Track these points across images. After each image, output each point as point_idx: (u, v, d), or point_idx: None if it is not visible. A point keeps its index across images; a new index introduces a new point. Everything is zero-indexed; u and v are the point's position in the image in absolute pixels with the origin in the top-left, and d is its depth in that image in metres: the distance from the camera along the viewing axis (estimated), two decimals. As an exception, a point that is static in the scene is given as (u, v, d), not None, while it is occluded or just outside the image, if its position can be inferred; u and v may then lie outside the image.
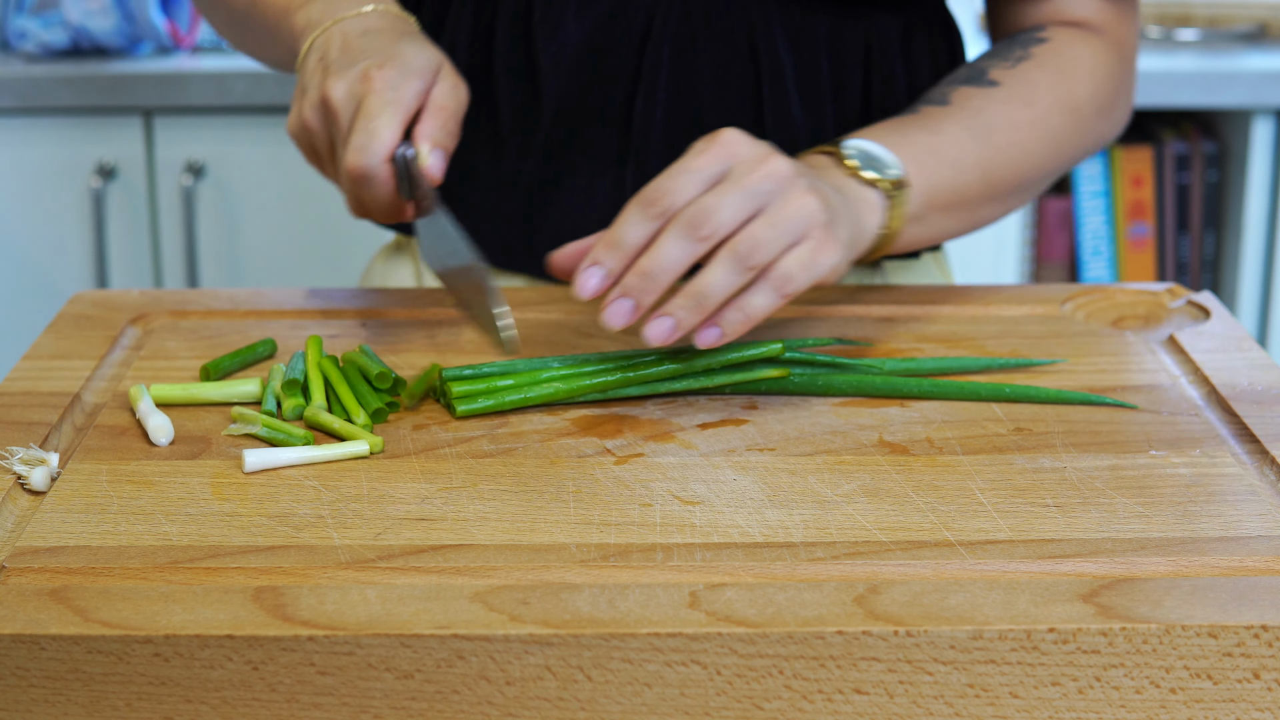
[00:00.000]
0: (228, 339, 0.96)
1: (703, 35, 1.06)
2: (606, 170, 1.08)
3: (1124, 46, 1.09)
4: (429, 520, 0.74)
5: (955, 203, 0.99)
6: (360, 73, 0.91)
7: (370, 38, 0.95)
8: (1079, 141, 1.05)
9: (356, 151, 0.89)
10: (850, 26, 1.08)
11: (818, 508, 0.75)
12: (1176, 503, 0.75)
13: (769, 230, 0.82)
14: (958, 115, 1.00)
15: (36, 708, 0.65)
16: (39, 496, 0.76)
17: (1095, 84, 1.05)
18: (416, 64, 0.93)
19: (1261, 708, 0.65)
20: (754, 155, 0.84)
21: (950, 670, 0.65)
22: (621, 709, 0.65)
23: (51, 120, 2.08)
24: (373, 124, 0.90)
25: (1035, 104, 1.02)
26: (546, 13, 1.07)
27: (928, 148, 0.97)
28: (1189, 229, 2.20)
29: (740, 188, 0.82)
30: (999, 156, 1.00)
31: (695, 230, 0.81)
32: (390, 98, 0.90)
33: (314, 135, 0.95)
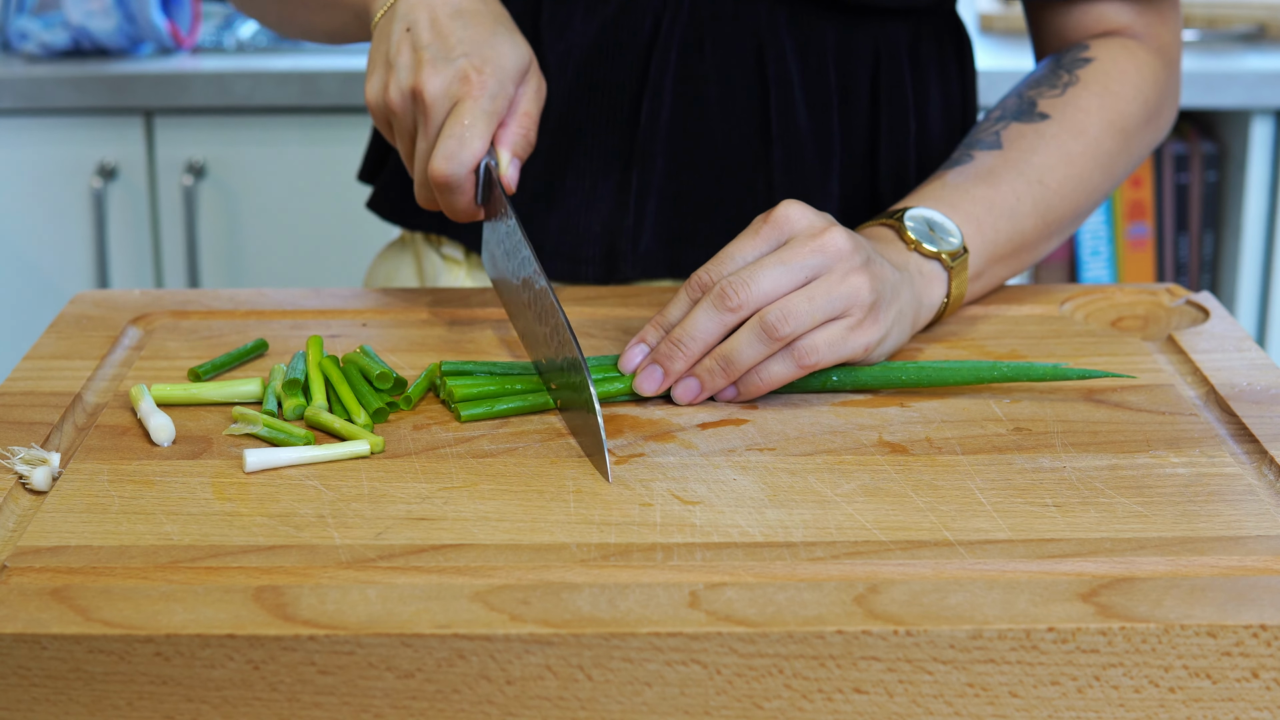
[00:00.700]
0: (228, 339, 0.96)
1: (710, 39, 1.06)
2: (610, 172, 1.08)
3: (1168, 50, 1.09)
4: (429, 520, 0.74)
5: (1015, 251, 0.99)
6: (459, 73, 0.90)
7: (463, 22, 0.93)
8: (1128, 160, 1.06)
9: (446, 159, 0.89)
10: (858, 34, 1.08)
11: (818, 508, 0.75)
12: (1175, 503, 0.75)
13: (805, 304, 0.84)
14: (1013, 160, 1.00)
15: (38, 707, 0.65)
16: (40, 496, 0.76)
17: (1143, 97, 1.05)
18: (511, 68, 0.92)
19: (1260, 707, 0.65)
20: (810, 229, 0.86)
21: (950, 670, 0.65)
22: (621, 708, 0.65)
23: (53, 121, 2.08)
24: (466, 133, 0.89)
25: (1086, 132, 1.02)
26: (554, 13, 1.07)
27: (986, 204, 0.97)
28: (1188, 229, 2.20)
29: (783, 260, 0.85)
30: (1055, 196, 1.00)
31: (724, 300, 0.84)
32: (487, 108, 0.90)
33: (396, 118, 0.94)
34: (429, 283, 1.16)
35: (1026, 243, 1.00)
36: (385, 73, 0.93)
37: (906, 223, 0.94)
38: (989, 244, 0.97)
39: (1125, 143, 1.04)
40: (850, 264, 0.85)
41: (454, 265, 1.14)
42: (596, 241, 1.08)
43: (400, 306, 1.02)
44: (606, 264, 1.08)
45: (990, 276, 0.99)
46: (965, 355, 0.94)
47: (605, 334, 0.97)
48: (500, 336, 0.97)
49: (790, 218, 0.86)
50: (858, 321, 0.86)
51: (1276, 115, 2.09)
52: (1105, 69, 1.05)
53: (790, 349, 0.85)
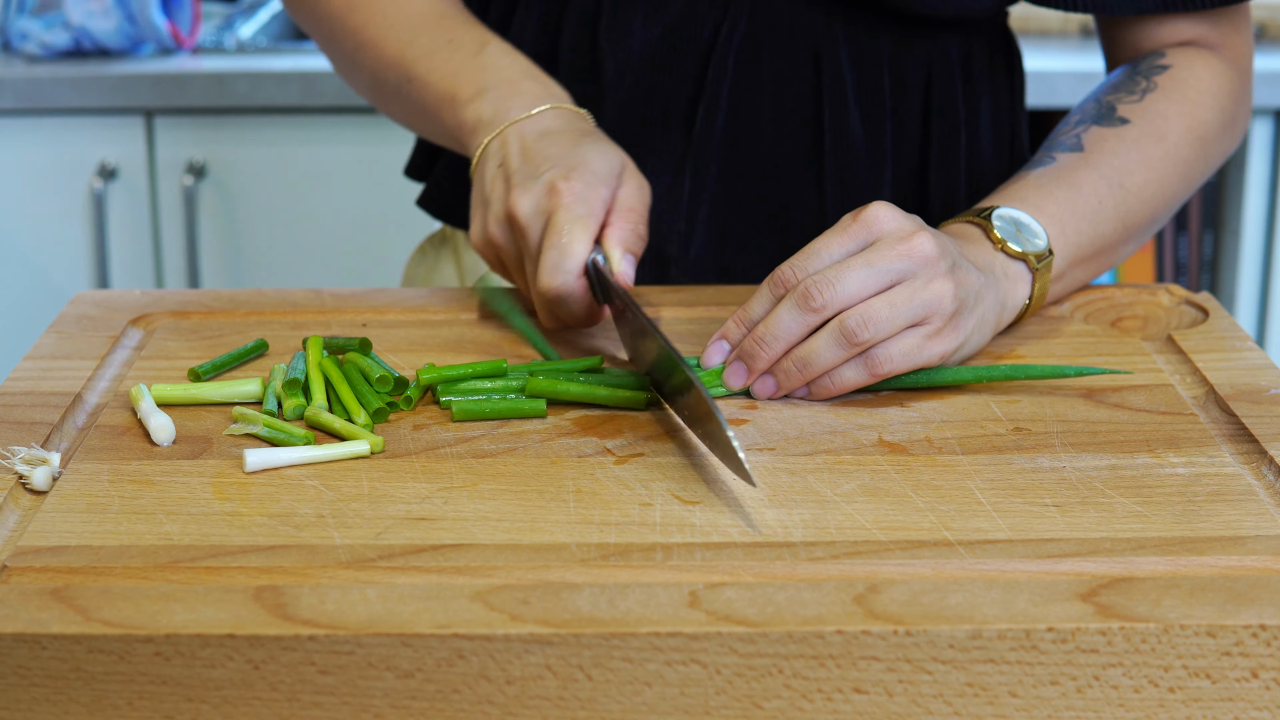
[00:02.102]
0: (229, 339, 0.96)
1: (767, 48, 1.07)
2: (663, 176, 1.08)
3: (1241, 60, 1.09)
4: (429, 520, 0.74)
5: (1095, 254, 0.99)
6: (546, 186, 0.91)
7: (550, 141, 0.94)
8: (1205, 167, 1.06)
9: (550, 272, 0.89)
10: (913, 46, 1.09)
11: (818, 507, 0.75)
12: (1175, 503, 0.75)
13: (886, 309, 0.84)
14: (1094, 162, 1.00)
15: (38, 707, 0.65)
16: (41, 496, 0.76)
17: (1220, 106, 1.05)
18: (601, 171, 0.92)
19: (1260, 707, 0.65)
20: (897, 231, 0.85)
21: (949, 669, 0.65)
22: (621, 708, 0.65)
23: (53, 121, 2.08)
24: (564, 240, 0.89)
25: (1166, 138, 1.02)
26: (614, 19, 1.07)
27: (1069, 206, 0.97)
28: (1187, 229, 2.21)
29: (869, 263, 0.84)
30: (1135, 200, 1.00)
31: (807, 301, 0.84)
32: (580, 212, 0.90)
33: (501, 250, 0.94)
34: (470, 277, 1.16)
35: (1107, 245, 1.00)
36: (483, 211, 0.94)
37: (994, 221, 0.93)
38: (1071, 246, 0.97)
39: (1203, 150, 1.04)
40: (936, 270, 0.85)
41: None
42: (649, 247, 1.08)
43: (400, 306, 1.02)
44: (656, 269, 1.09)
45: (1070, 279, 0.99)
46: (965, 355, 0.94)
47: (605, 334, 0.97)
48: (501, 335, 0.97)
49: (879, 218, 0.86)
50: (936, 330, 0.85)
51: (1276, 115, 2.09)
52: (1183, 77, 1.05)
53: (865, 356, 0.85)
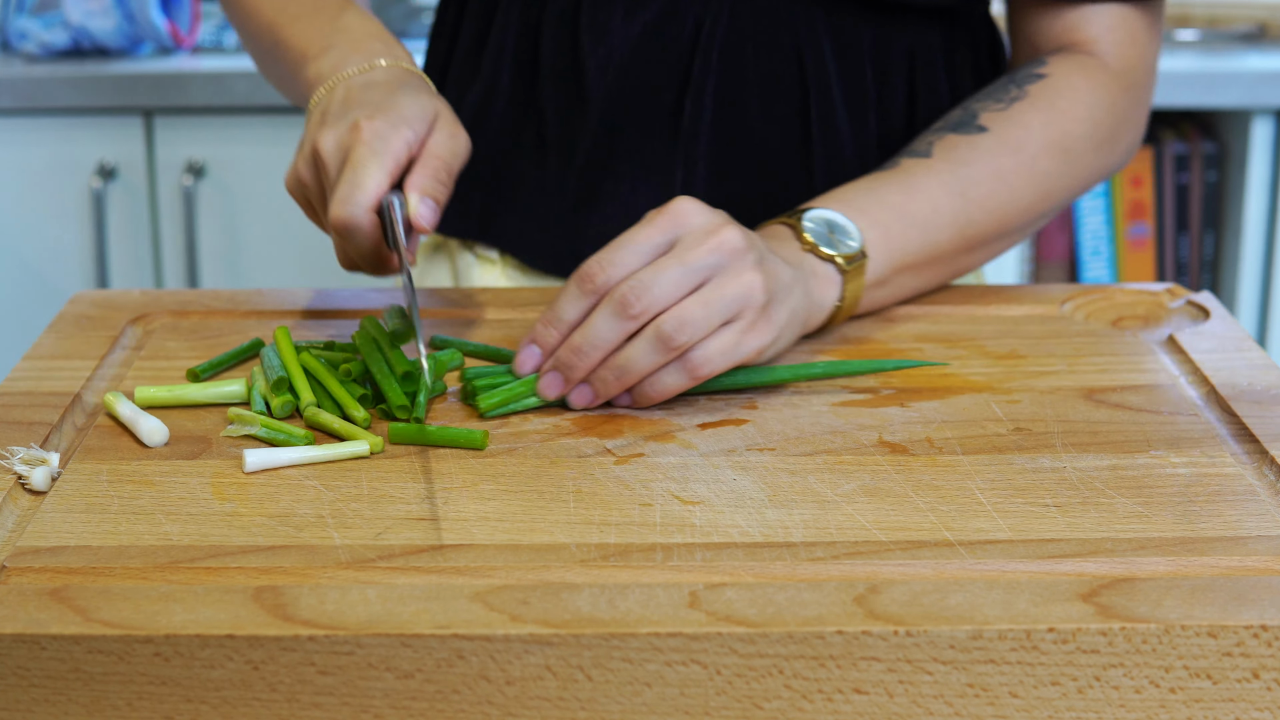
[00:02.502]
0: (228, 339, 0.96)
1: (750, 43, 1.06)
2: (651, 176, 1.08)
3: (1132, 73, 1.06)
4: (429, 520, 0.74)
5: (926, 262, 0.98)
6: (350, 123, 0.90)
7: (369, 90, 0.94)
8: (1070, 182, 1.04)
9: (340, 202, 0.88)
10: (895, 36, 1.08)
11: (818, 508, 0.75)
12: (1176, 503, 0.75)
13: (700, 309, 0.83)
14: (938, 168, 0.99)
15: (37, 707, 0.65)
16: (40, 496, 0.76)
17: (1094, 119, 1.03)
18: (409, 113, 0.91)
19: (1261, 707, 0.65)
20: (704, 226, 0.84)
21: (950, 670, 0.65)
22: (621, 709, 0.65)
23: (52, 120, 2.08)
24: (358, 174, 0.88)
25: (1023, 149, 1.01)
26: (594, 18, 1.07)
27: (898, 210, 0.96)
28: (1188, 229, 2.20)
29: (681, 262, 0.83)
30: (978, 210, 0.99)
31: (626, 309, 0.83)
32: (377, 147, 0.89)
33: (306, 188, 0.94)
34: (464, 283, 1.16)
35: (941, 254, 0.99)
36: (297, 153, 0.94)
37: (805, 223, 0.93)
38: (897, 251, 0.96)
39: (1067, 163, 1.03)
40: (744, 262, 0.84)
41: (488, 264, 1.14)
42: None
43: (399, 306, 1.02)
44: None
45: (897, 285, 0.98)
46: (965, 355, 0.94)
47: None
48: (501, 335, 0.97)
49: (686, 212, 0.85)
50: (750, 324, 0.84)
51: (1277, 115, 2.09)
52: (1056, 86, 1.03)
53: (684, 360, 0.84)
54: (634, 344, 0.83)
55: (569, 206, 1.09)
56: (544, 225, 1.10)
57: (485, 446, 0.81)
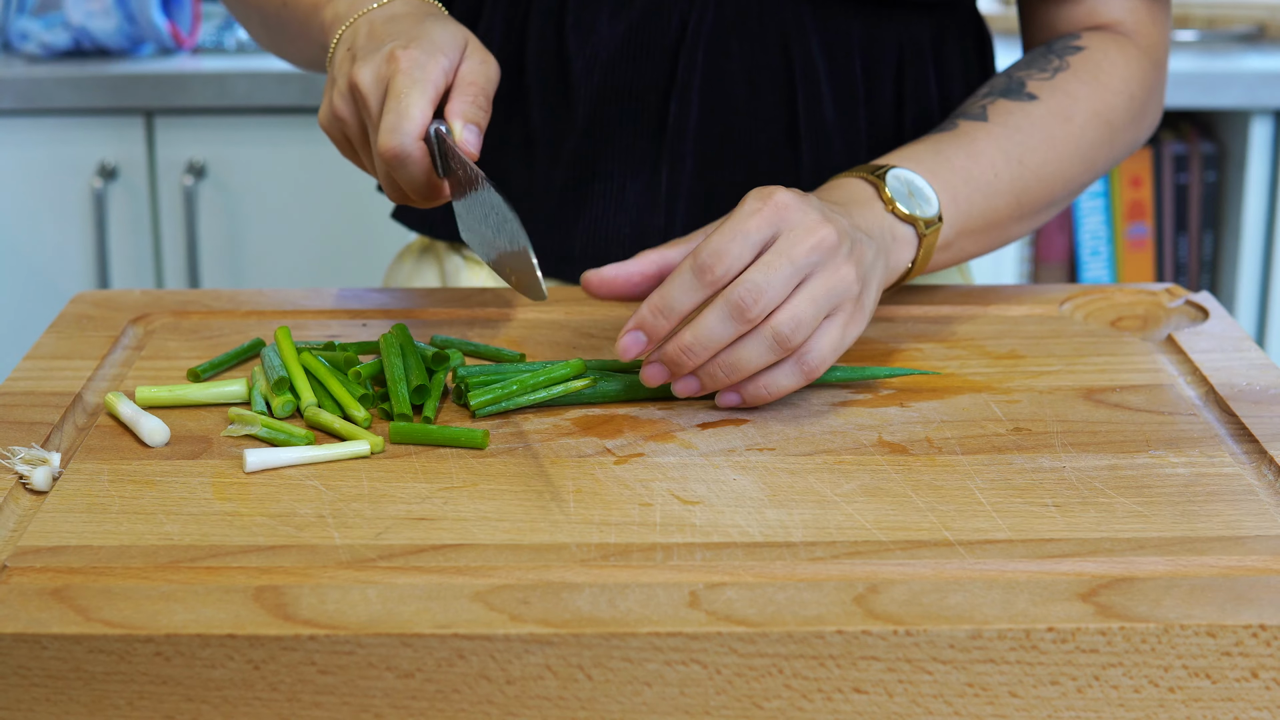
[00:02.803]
0: (229, 339, 0.96)
1: (736, 38, 1.06)
2: (639, 174, 1.08)
3: (1156, 50, 1.08)
4: (429, 520, 0.74)
5: (985, 227, 0.99)
6: (386, 55, 0.91)
7: (395, 23, 0.95)
8: (1111, 153, 1.05)
9: (388, 133, 0.89)
10: (883, 30, 1.08)
11: (818, 508, 0.75)
12: (1175, 503, 0.75)
13: (810, 307, 0.83)
14: (996, 134, 0.99)
15: (38, 707, 0.65)
16: (41, 496, 0.76)
17: (1130, 92, 1.05)
18: (441, 41, 0.92)
19: (1260, 707, 0.65)
20: (805, 223, 0.84)
21: (949, 670, 0.65)
22: (621, 708, 0.65)
23: (53, 121, 2.08)
24: (402, 103, 0.89)
25: (1072, 119, 1.02)
26: (579, 16, 1.07)
27: (963, 174, 0.96)
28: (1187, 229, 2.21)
29: (791, 260, 0.83)
30: (1033, 177, 1.00)
31: (744, 312, 0.82)
32: (418, 76, 0.90)
33: (345, 124, 0.94)
34: (452, 284, 1.16)
35: (999, 220, 0.99)
36: (329, 90, 0.95)
37: (889, 181, 0.93)
38: (962, 215, 0.96)
39: (1109, 135, 1.04)
40: (839, 257, 0.84)
41: (476, 266, 1.14)
42: (626, 244, 1.08)
43: (400, 306, 1.02)
44: None
45: (958, 249, 0.98)
46: (965, 355, 0.94)
47: (607, 333, 0.97)
48: (501, 335, 0.97)
49: (788, 205, 0.84)
50: (849, 315, 0.85)
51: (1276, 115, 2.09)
52: (1096, 59, 1.04)
53: (799, 360, 0.84)
54: (747, 343, 0.83)
55: (556, 205, 1.09)
56: (532, 225, 1.10)
57: (485, 446, 0.81)
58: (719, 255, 0.82)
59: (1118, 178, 2.19)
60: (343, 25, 0.98)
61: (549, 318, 1.00)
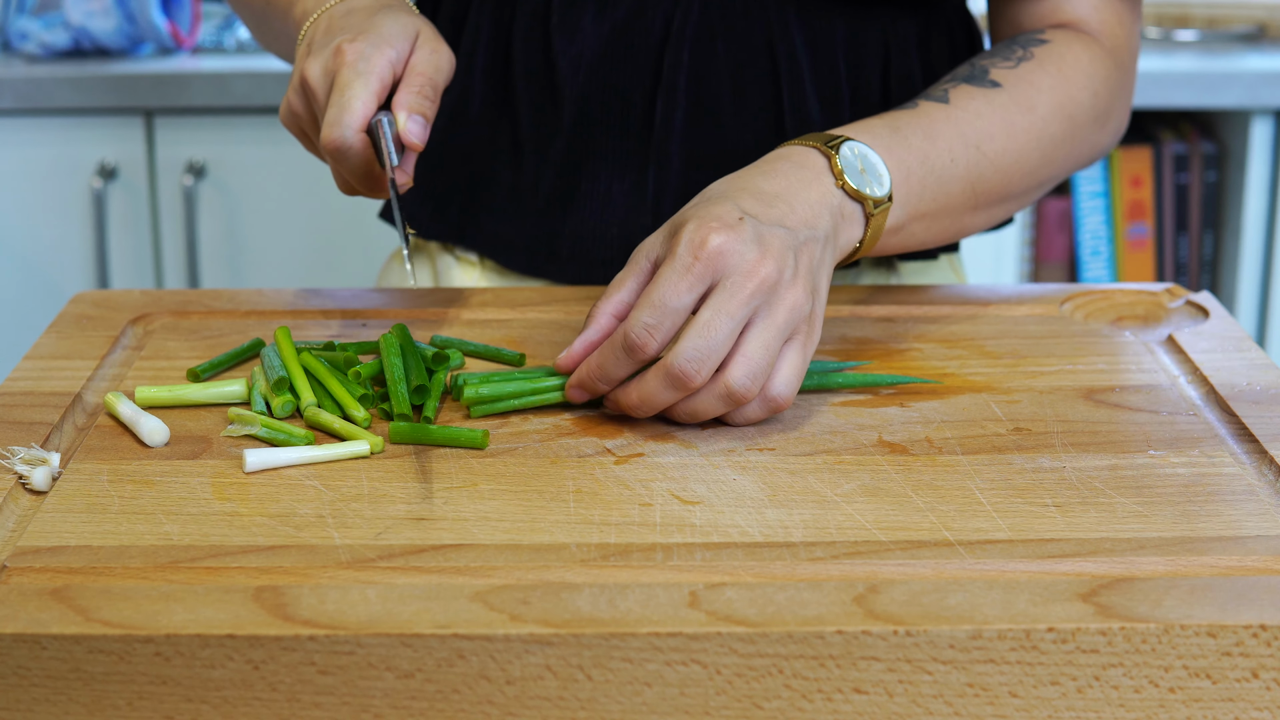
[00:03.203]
0: (228, 339, 0.96)
1: (721, 37, 1.06)
2: (626, 174, 1.08)
3: (1122, 53, 1.07)
4: (429, 520, 0.74)
5: (938, 212, 0.96)
6: (334, 49, 0.92)
7: (350, 16, 0.96)
8: (1072, 150, 1.03)
9: (330, 125, 0.90)
10: (868, 28, 1.08)
11: (818, 508, 0.75)
12: (1175, 503, 0.75)
13: (762, 352, 0.81)
14: (956, 117, 0.97)
15: (38, 707, 0.65)
16: (40, 496, 0.76)
17: (1094, 90, 1.03)
18: (389, 33, 0.93)
19: (1260, 707, 0.65)
20: (741, 267, 0.81)
21: (950, 670, 0.65)
22: (621, 708, 0.65)
23: (53, 121, 2.08)
24: (345, 96, 0.90)
25: (1035, 109, 1.00)
26: (564, 17, 1.07)
27: (920, 155, 0.94)
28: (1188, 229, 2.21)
29: (730, 315, 0.80)
30: (990, 165, 0.98)
31: (685, 382, 0.80)
32: (361, 68, 0.90)
33: (299, 118, 0.95)
34: (443, 284, 1.16)
35: (952, 206, 0.97)
36: (288, 86, 0.96)
37: (843, 152, 0.90)
38: (914, 197, 0.94)
39: (1071, 130, 1.02)
40: (784, 285, 0.82)
41: (468, 266, 1.14)
42: (613, 244, 1.08)
43: (400, 306, 1.02)
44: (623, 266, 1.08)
45: (908, 234, 0.96)
46: (965, 355, 0.94)
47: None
48: (501, 335, 0.97)
49: (722, 253, 0.81)
50: (805, 335, 0.83)
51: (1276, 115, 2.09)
52: (1060, 51, 1.03)
53: (763, 399, 0.82)
54: (700, 398, 0.82)
55: (544, 205, 1.09)
56: (520, 226, 1.10)
57: (485, 446, 0.81)
58: (648, 330, 0.81)
59: (1118, 177, 2.19)
60: (308, 21, 0.99)
61: (549, 318, 1.00)
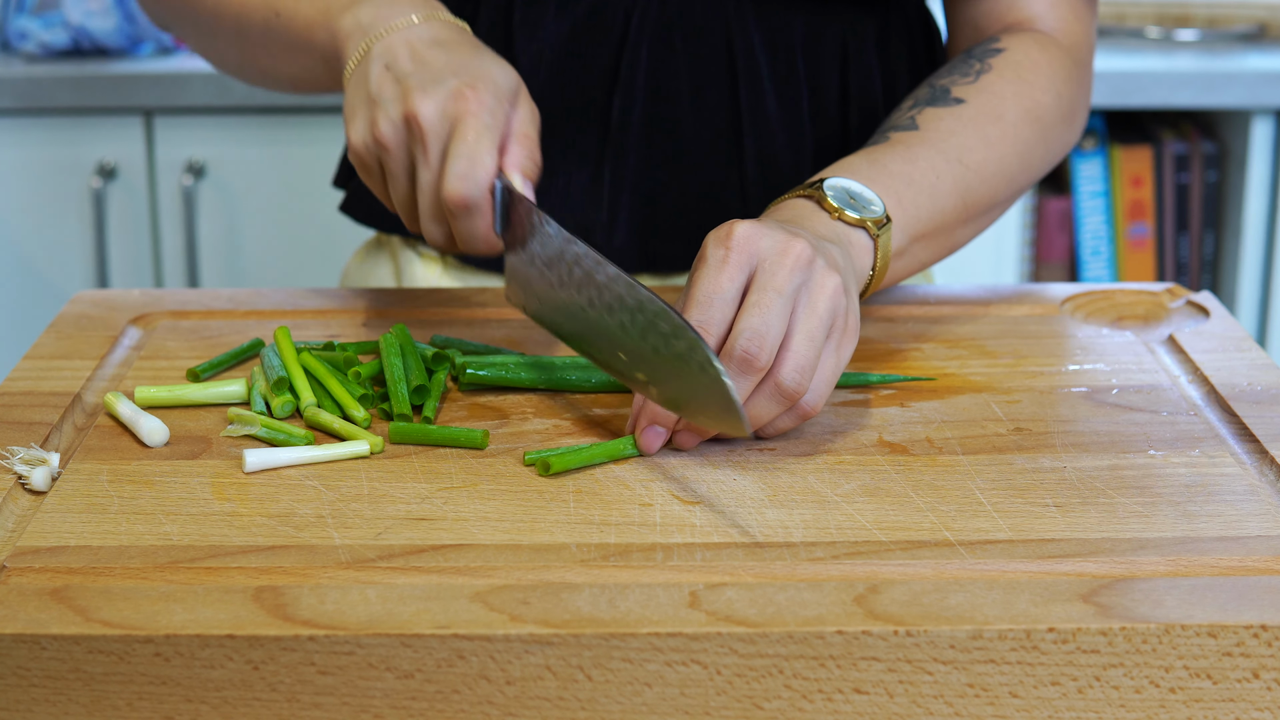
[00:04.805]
0: (228, 339, 0.96)
1: (680, 35, 1.07)
2: (584, 168, 1.08)
3: (1079, 50, 1.07)
4: (429, 520, 0.74)
5: (935, 230, 0.96)
6: (452, 92, 0.86)
7: (444, 50, 0.90)
8: (1046, 151, 1.03)
9: (460, 179, 0.84)
10: (827, 25, 1.08)
11: (818, 508, 0.75)
12: (1176, 502, 0.75)
13: (808, 347, 0.79)
14: (930, 139, 0.97)
15: (37, 707, 0.65)
16: (40, 496, 0.76)
17: (1056, 90, 1.03)
18: (504, 83, 0.88)
19: (1261, 707, 0.65)
20: (775, 247, 0.80)
21: (950, 670, 0.65)
22: (621, 709, 0.65)
23: (52, 120, 2.08)
24: (475, 150, 0.84)
25: (1003, 117, 1.00)
26: (526, 14, 1.07)
27: (905, 179, 0.94)
28: (1188, 229, 2.20)
29: (778, 291, 0.79)
30: (975, 177, 0.97)
31: (752, 363, 0.78)
32: (488, 122, 0.86)
33: (389, 154, 0.88)
34: (405, 280, 1.15)
35: (947, 223, 0.97)
36: (369, 110, 0.89)
37: (826, 191, 0.89)
38: (910, 219, 0.93)
39: (1042, 133, 1.02)
40: (819, 268, 0.81)
41: (430, 261, 1.14)
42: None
43: (400, 306, 1.02)
44: None
45: (911, 257, 0.95)
46: (966, 355, 0.94)
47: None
48: (506, 336, 0.97)
49: (751, 238, 0.81)
50: (841, 334, 0.82)
51: (1277, 115, 2.09)
52: (1017, 59, 1.03)
53: (798, 409, 0.81)
54: (755, 400, 0.80)
55: None
56: None
57: (485, 446, 0.81)
58: (704, 327, 0.79)
59: (1119, 177, 2.19)
60: (368, 39, 0.92)
61: (549, 317, 1.00)
